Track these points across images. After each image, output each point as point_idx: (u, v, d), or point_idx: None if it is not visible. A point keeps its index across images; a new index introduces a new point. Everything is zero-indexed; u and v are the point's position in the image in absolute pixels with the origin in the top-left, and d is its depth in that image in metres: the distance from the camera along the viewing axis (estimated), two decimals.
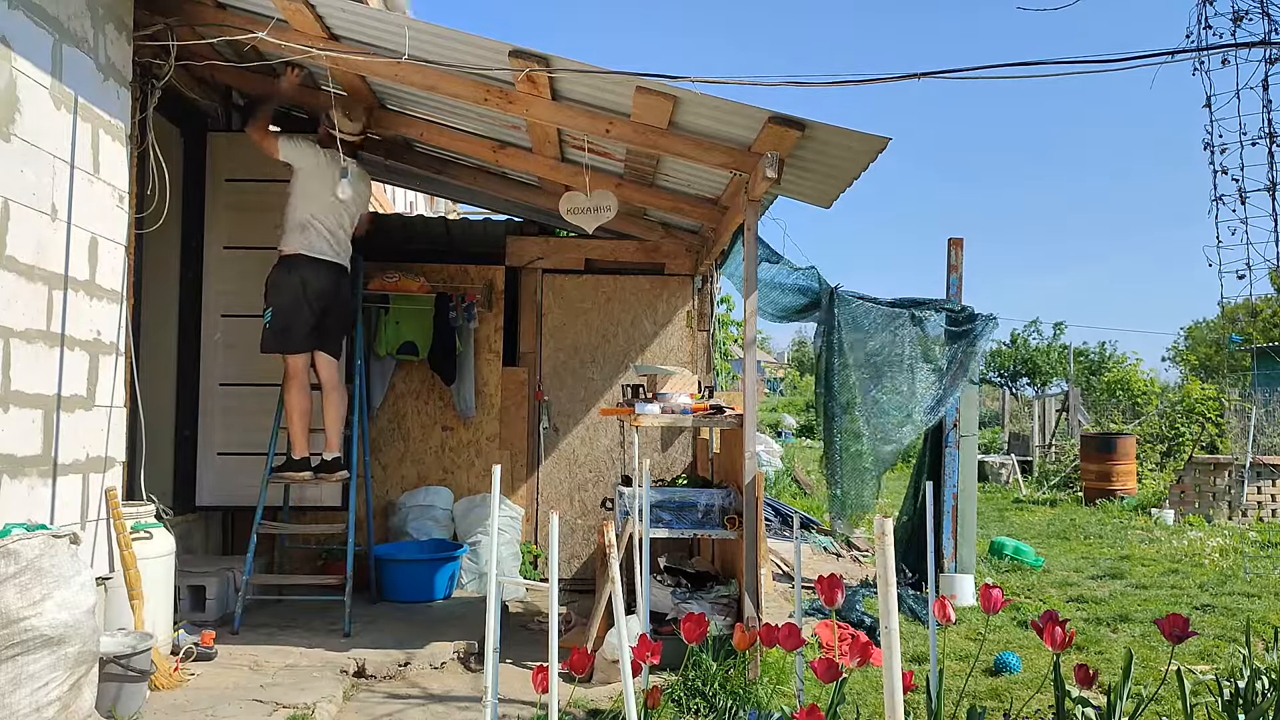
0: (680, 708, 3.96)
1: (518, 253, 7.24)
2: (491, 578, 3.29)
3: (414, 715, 4.13)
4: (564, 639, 5.09)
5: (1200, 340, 32.65)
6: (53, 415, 3.90)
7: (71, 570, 3.25)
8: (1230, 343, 23.10)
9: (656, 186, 6.05)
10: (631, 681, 2.85)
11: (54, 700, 3.11)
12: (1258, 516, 10.78)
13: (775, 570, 7.46)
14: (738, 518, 4.87)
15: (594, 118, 4.79)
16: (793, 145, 4.27)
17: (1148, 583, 7.32)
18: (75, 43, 4.02)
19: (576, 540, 7.18)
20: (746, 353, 4.86)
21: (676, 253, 7.28)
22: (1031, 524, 11.03)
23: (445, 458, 7.06)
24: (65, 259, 3.99)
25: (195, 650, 4.54)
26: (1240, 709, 3.34)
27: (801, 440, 23.49)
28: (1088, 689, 3.25)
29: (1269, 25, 4.23)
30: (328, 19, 4.53)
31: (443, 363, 6.88)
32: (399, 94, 5.54)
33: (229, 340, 6.01)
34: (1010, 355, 34.08)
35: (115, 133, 4.40)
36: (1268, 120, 4.37)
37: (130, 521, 4.34)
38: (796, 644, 3.26)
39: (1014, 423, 20.19)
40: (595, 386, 7.27)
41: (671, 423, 5.09)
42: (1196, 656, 5.15)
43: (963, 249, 6.74)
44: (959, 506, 6.63)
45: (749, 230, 4.79)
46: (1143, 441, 14.50)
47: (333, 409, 5.56)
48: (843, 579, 3.33)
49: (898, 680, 2.24)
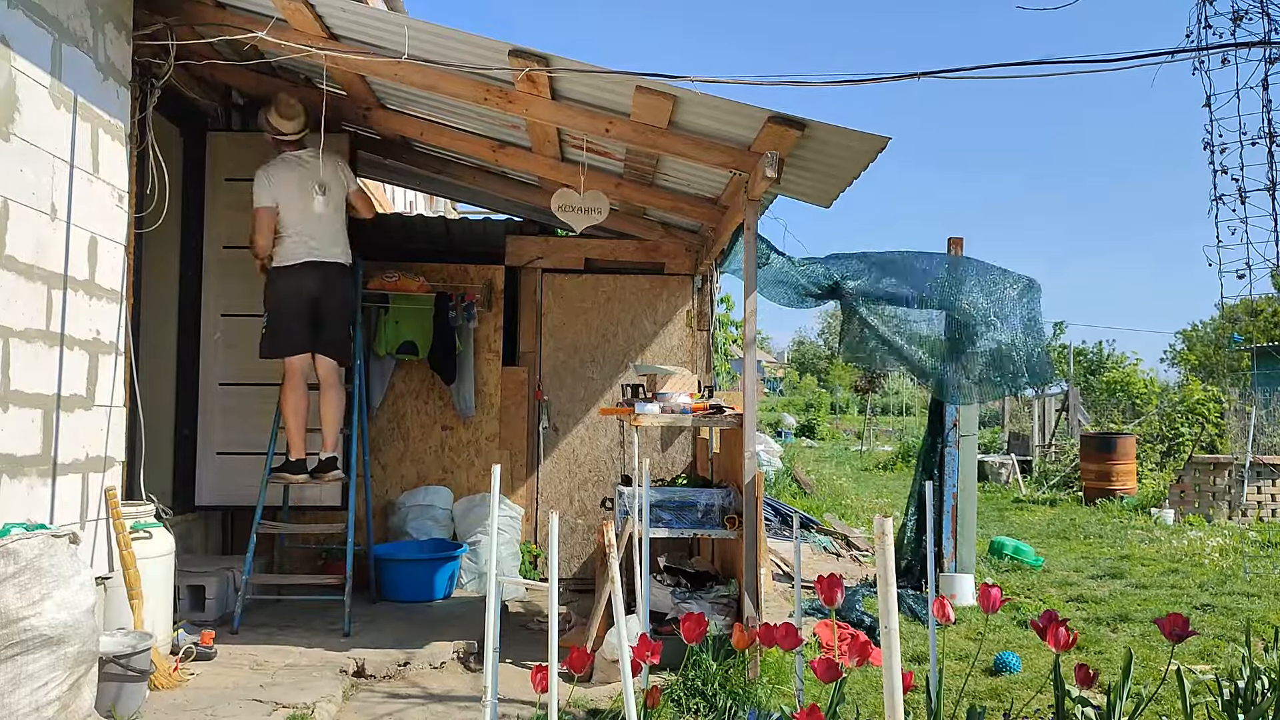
0: (680, 707, 3.96)
1: (517, 252, 7.24)
2: (491, 577, 3.29)
3: (414, 715, 4.13)
4: (564, 639, 5.09)
5: (1197, 342, 32.68)
6: (52, 415, 3.90)
7: (71, 570, 3.25)
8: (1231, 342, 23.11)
9: (656, 186, 6.05)
10: (631, 681, 2.85)
11: (53, 700, 3.11)
12: (1258, 516, 10.78)
13: (775, 570, 7.46)
14: (737, 517, 4.87)
15: (594, 117, 4.79)
16: (792, 145, 4.27)
17: (1147, 582, 7.32)
18: (75, 42, 4.02)
19: (576, 540, 7.18)
20: (746, 352, 4.86)
21: (676, 252, 7.28)
22: (1031, 524, 11.03)
23: (445, 457, 7.06)
24: (65, 258, 3.99)
25: (195, 650, 4.54)
26: (1240, 709, 3.34)
27: (801, 440, 23.51)
28: (1088, 689, 3.24)
29: (1269, 25, 4.23)
30: (327, 19, 4.53)
31: (442, 362, 6.88)
32: (399, 93, 5.53)
33: (229, 340, 6.01)
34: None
35: (115, 132, 4.40)
36: (1268, 120, 4.37)
37: (130, 521, 4.34)
38: (794, 643, 3.25)
39: (1014, 422, 20.18)
40: (595, 386, 7.27)
41: (671, 422, 5.09)
42: (1196, 656, 5.15)
43: (962, 249, 6.74)
44: (959, 506, 6.63)
45: (749, 229, 4.79)
46: (1143, 441, 14.50)
47: (330, 407, 5.55)
48: (842, 579, 3.33)
49: (898, 680, 2.24)
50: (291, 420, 5.45)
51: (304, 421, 5.49)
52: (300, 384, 5.46)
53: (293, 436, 5.48)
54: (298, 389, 5.46)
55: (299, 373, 5.46)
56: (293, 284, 5.36)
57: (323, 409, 5.55)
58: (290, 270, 5.37)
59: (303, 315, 5.38)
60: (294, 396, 5.44)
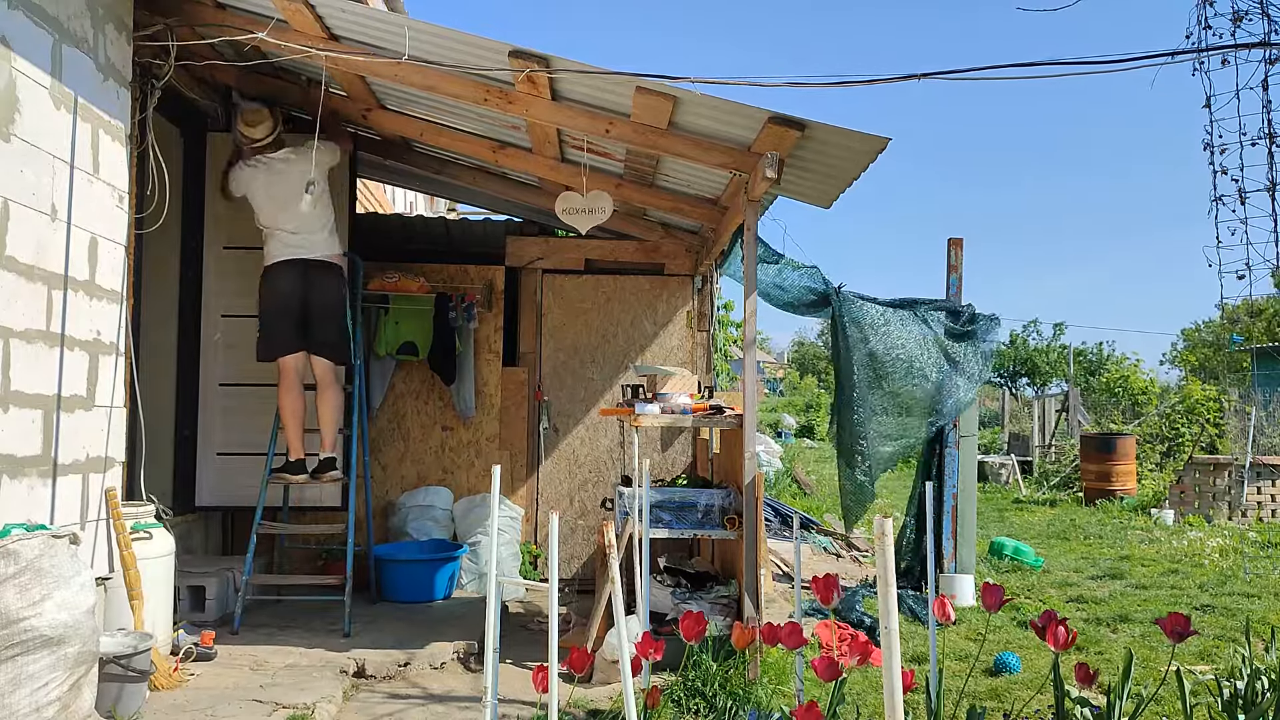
0: (680, 708, 3.96)
1: (517, 253, 7.24)
2: (491, 578, 3.29)
3: (414, 715, 4.13)
4: (564, 639, 5.09)
5: (1197, 343, 32.66)
6: (52, 415, 3.90)
7: (71, 570, 3.25)
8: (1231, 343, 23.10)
9: (656, 187, 6.05)
10: (631, 681, 2.85)
11: (54, 700, 3.11)
12: (1257, 517, 10.78)
13: (775, 570, 7.46)
14: (737, 518, 4.87)
15: (594, 118, 4.79)
16: (792, 145, 4.27)
17: (1147, 583, 7.32)
18: (75, 43, 4.02)
19: (576, 540, 7.18)
20: (746, 353, 4.86)
21: (676, 253, 7.28)
22: (1031, 524, 11.03)
23: (445, 458, 7.06)
24: (65, 259, 3.99)
25: (195, 650, 4.54)
26: (1240, 709, 3.34)
27: (801, 441, 23.50)
28: (1088, 689, 3.25)
29: (1269, 26, 4.22)
30: (328, 19, 4.53)
31: (442, 363, 6.88)
32: (399, 94, 5.53)
33: (229, 340, 6.01)
34: (1010, 355, 34.08)
35: (115, 133, 4.40)
36: (1267, 120, 4.37)
37: (130, 522, 4.34)
38: (798, 643, 3.26)
39: (1014, 423, 20.19)
40: (595, 387, 7.27)
41: (671, 423, 5.09)
42: (1196, 656, 5.15)
43: (962, 249, 6.74)
44: (959, 507, 6.63)
45: (749, 230, 4.79)
46: (1143, 442, 14.49)
47: (326, 408, 5.54)
48: (840, 579, 3.33)
49: (898, 680, 2.24)
50: (289, 421, 5.45)
51: (301, 422, 5.49)
52: (295, 385, 5.46)
53: (291, 437, 5.47)
54: (292, 390, 5.45)
55: (294, 373, 5.45)
56: (276, 283, 5.40)
57: (319, 409, 5.55)
58: (273, 270, 5.41)
59: (290, 315, 5.38)
60: (289, 398, 5.44)
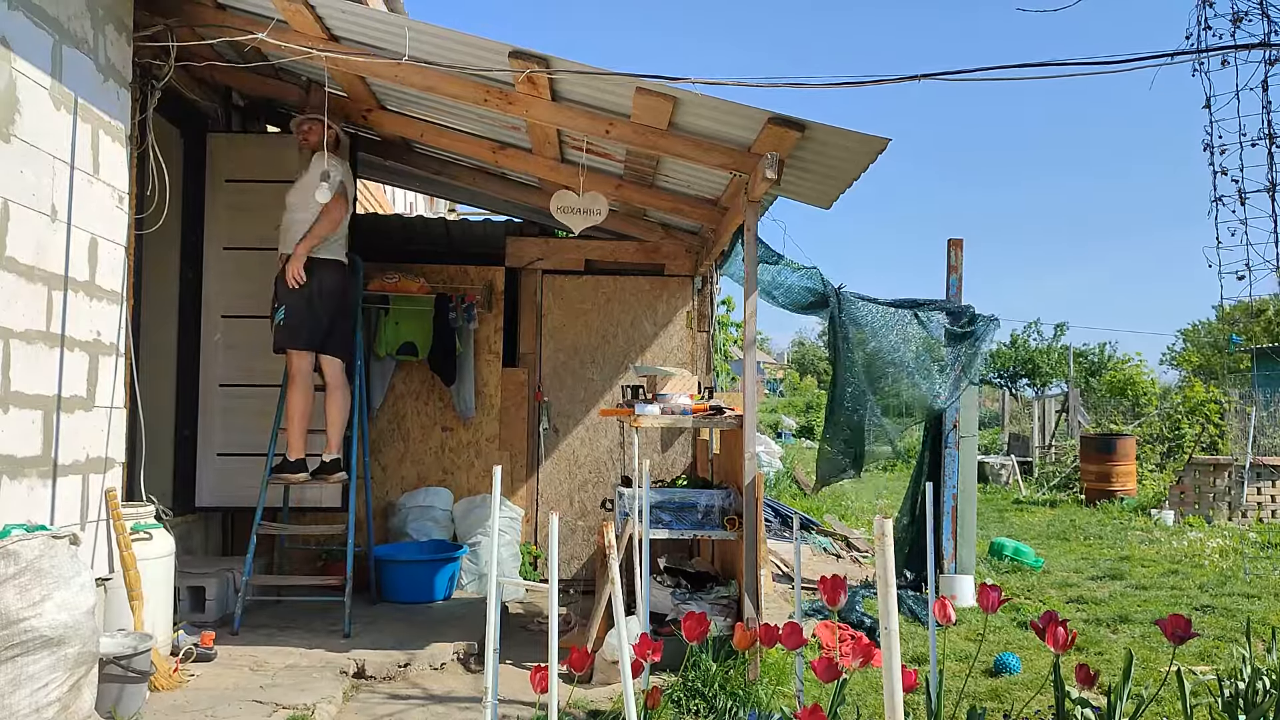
0: (680, 708, 3.96)
1: (517, 253, 7.24)
2: (492, 578, 3.29)
3: (414, 716, 4.13)
4: (564, 639, 5.09)
5: (1197, 343, 32.67)
6: (52, 416, 3.90)
7: (71, 571, 3.25)
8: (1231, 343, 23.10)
9: (656, 187, 6.05)
10: (631, 682, 2.85)
11: (54, 701, 3.11)
12: (1258, 517, 10.78)
13: (775, 571, 7.46)
14: (737, 518, 4.87)
15: (594, 118, 4.79)
16: (792, 146, 4.27)
17: (1148, 583, 7.32)
18: (75, 43, 4.02)
19: (576, 541, 7.18)
20: (746, 353, 4.86)
21: (676, 253, 7.28)
22: (1031, 525, 11.02)
23: (445, 458, 7.06)
24: (65, 259, 3.99)
25: (195, 651, 4.54)
26: (1240, 709, 3.34)
27: (801, 441, 23.50)
28: (1088, 689, 3.24)
29: (1268, 26, 4.23)
30: (328, 20, 4.53)
31: (443, 363, 6.88)
32: (399, 95, 5.54)
33: (229, 340, 6.01)
34: (1010, 356, 34.09)
35: (115, 133, 4.40)
36: (1267, 121, 4.37)
37: (130, 522, 4.34)
38: (798, 643, 3.25)
39: (1014, 423, 20.19)
40: (595, 387, 7.27)
41: (671, 424, 5.09)
42: (1196, 657, 5.15)
43: (962, 249, 6.74)
44: (959, 507, 6.63)
45: (749, 231, 4.79)
46: (1143, 442, 14.49)
47: (335, 409, 5.54)
48: (845, 580, 3.33)
49: (898, 681, 2.24)
50: (296, 421, 5.43)
51: (308, 423, 5.48)
52: (308, 384, 5.44)
53: (294, 437, 5.46)
54: (305, 389, 5.43)
55: (308, 372, 5.44)
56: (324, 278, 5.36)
57: (328, 410, 5.54)
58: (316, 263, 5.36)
59: (314, 310, 5.34)
60: (301, 397, 5.41)
